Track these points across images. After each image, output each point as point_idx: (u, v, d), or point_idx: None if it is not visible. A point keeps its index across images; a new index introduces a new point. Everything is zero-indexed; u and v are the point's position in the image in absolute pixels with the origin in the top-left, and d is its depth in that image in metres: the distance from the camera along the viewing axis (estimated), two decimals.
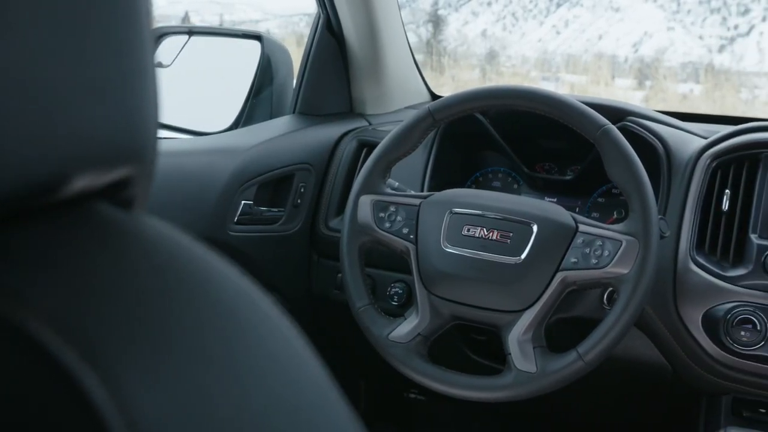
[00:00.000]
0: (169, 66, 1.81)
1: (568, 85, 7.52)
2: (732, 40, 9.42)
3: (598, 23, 10.36)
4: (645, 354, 1.42)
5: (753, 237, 1.33)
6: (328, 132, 1.72)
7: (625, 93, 7.40)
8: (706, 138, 1.45)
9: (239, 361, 0.35)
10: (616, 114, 1.48)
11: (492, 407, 1.73)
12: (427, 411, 2.00)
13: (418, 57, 1.93)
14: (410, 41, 1.91)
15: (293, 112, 1.81)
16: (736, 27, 9.49)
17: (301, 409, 0.36)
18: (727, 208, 1.36)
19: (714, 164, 1.39)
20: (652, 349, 1.41)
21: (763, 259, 1.30)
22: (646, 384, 1.51)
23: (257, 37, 1.80)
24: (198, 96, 1.87)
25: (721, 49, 9.40)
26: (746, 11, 9.39)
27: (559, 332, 1.35)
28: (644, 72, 8.34)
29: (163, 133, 1.76)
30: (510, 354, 1.22)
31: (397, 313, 1.35)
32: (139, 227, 0.39)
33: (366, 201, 1.35)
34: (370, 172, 1.37)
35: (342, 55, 1.80)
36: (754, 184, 1.36)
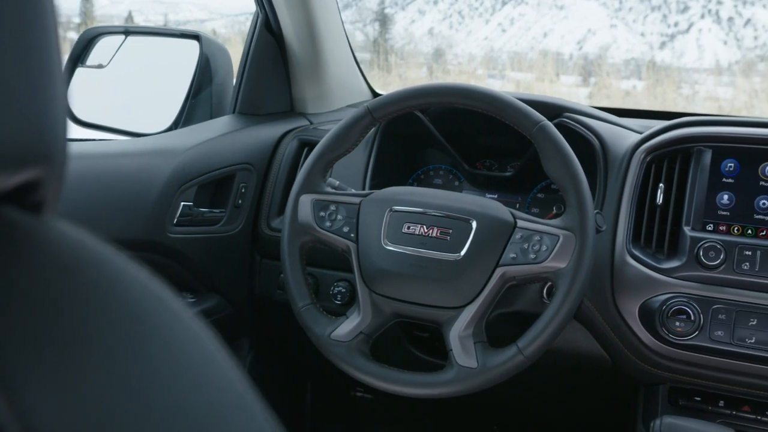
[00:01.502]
0: (106, 67, 1.78)
1: (514, 83, 7.60)
2: (672, 37, 9.64)
3: (543, 21, 10.51)
4: (585, 346, 1.44)
5: (686, 229, 1.36)
6: (269, 131, 1.71)
7: (569, 90, 7.51)
8: (641, 133, 1.47)
9: (145, 365, 0.34)
10: (553, 110, 1.50)
11: (438, 402, 1.74)
12: (374, 409, 2.00)
13: (365, 56, 1.92)
14: (357, 40, 1.92)
15: (233, 112, 1.79)
16: (676, 24, 9.71)
17: (209, 413, 0.36)
18: (661, 201, 1.39)
19: (648, 159, 1.42)
20: (592, 341, 1.43)
21: (696, 250, 1.33)
22: (586, 375, 1.53)
23: (195, 36, 1.78)
24: (136, 97, 1.85)
25: (662, 45, 9.61)
26: (685, 9, 9.61)
27: (501, 327, 1.37)
28: (588, 69, 8.47)
29: (100, 134, 1.73)
30: (451, 350, 1.23)
31: (341, 312, 1.35)
32: (45, 230, 0.38)
33: (306, 200, 1.35)
34: (310, 172, 1.36)
35: (281, 54, 1.79)
36: (686, 177, 1.39)
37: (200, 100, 1.79)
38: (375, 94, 2.00)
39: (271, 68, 1.79)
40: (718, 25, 9.24)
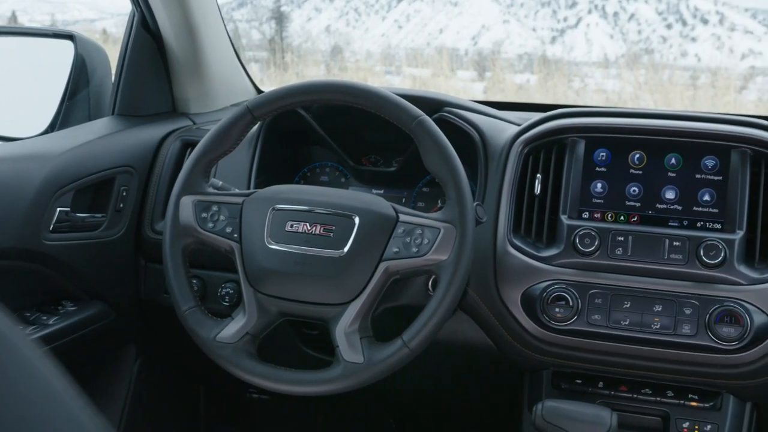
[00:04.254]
0: None
1: (411, 79, 7.68)
2: (562, 32, 9.94)
3: (439, 17, 10.65)
4: (472, 336, 1.47)
5: (563, 218, 1.40)
6: (150, 133, 1.67)
7: (465, 84, 7.63)
8: (519, 125, 1.51)
9: None
10: (433, 105, 1.52)
11: (334, 399, 1.74)
12: (270, 410, 1.98)
13: (262, 54, 1.90)
14: (253, 39, 1.90)
15: (112, 114, 1.74)
16: (565, 19, 10.01)
17: (30, 424, 0.35)
18: (539, 191, 1.43)
19: (526, 150, 1.46)
20: (478, 330, 1.46)
21: (572, 238, 1.37)
22: (474, 364, 1.56)
23: (69, 36, 1.71)
24: (8, 99, 1.77)
25: (553, 40, 9.89)
26: (574, 4, 9.92)
27: (390, 321, 1.37)
28: (483, 64, 8.64)
29: None
30: (338, 346, 1.23)
31: (230, 314, 1.33)
32: None
33: (187, 202, 1.32)
34: (190, 173, 1.34)
35: (160, 53, 1.74)
36: (562, 167, 1.43)
37: (77, 102, 1.73)
38: (260, 93, 1.98)
39: (150, 68, 1.74)
40: (605, 20, 9.58)
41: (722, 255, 1.31)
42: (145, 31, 1.71)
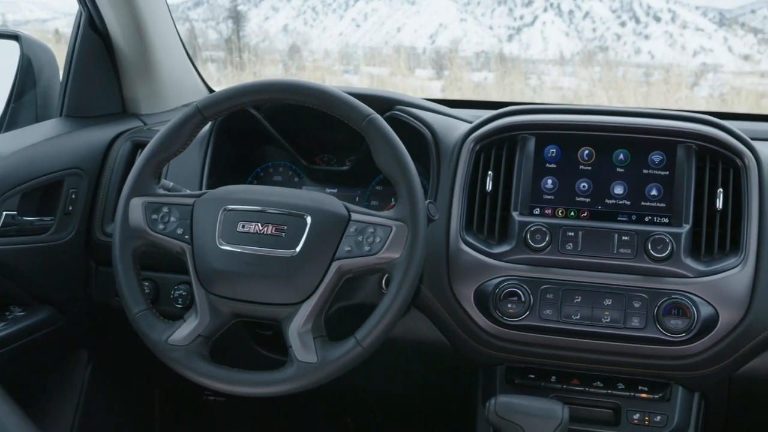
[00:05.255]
0: None
1: (369, 77, 7.67)
2: (519, 30, 10.01)
3: (396, 16, 10.66)
4: (426, 334, 1.48)
5: (515, 214, 1.41)
6: (100, 134, 1.64)
7: (423, 83, 7.65)
8: (471, 123, 1.52)
9: None
10: (384, 104, 1.52)
11: (291, 398, 1.74)
12: (227, 412, 1.97)
13: (219, 54, 1.88)
14: (210, 38, 1.87)
15: (61, 115, 1.71)
16: (521, 17, 10.09)
17: None
18: (490, 188, 1.44)
19: (477, 147, 1.46)
20: (433, 328, 1.47)
21: (524, 234, 1.38)
22: (430, 361, 1.57)
23: (14, 36, 1.68)
24: None
25: (510, 38, 9.96)
26: (530, 2, 10.00)
27: (344, 321, 1.37)
28: (441, 62, 8.67)
29: None
30: (291, 346, 1.23)
31: (182, 316, 1.32)
32: None
33: (137, 203, 1.31)
34: (140, 174, 1.32)
35: (109, 53, 1.72)
36: (513, 164, 1.45)
37: (24, 104, 1.70)
38: (212, 92, 1.97)
39: (99, 68, 1.72)
40: (560, 18, 9.68)
41: (669, 248, 1.33)
42: (92, 30, 1.68)
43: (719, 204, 1.37)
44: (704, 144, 1.40)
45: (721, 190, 1.37)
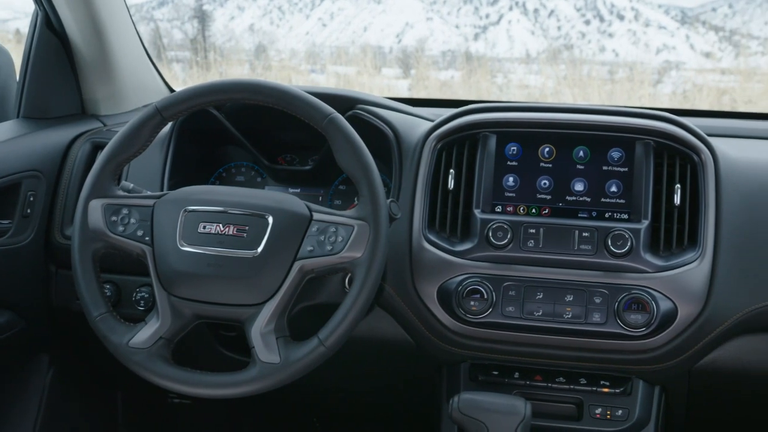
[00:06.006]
0: None
1: (336, 77, 7.66)
2: (485, 28, 10.07)
3: (363, 15, 10.66)
4: (390, 332, 1.48)
5: (477, 212, 1.42)
6: (58, 136, 1.62)
7: (390, 82, 7.65)
8: (432, 121, 1.52)
9: None
10: (346, 103, 1.52)
11: (257, 399, 1.73)
12: (192, 414, 1.96)
13: (184, 54, 1.86)
14: (175, 38, 1.85)
15: (18, 117, 1.68)
16: (487, 16, 10.14)
17: None
18: (452, 186, 1.44)
19: (439, 146, 1.47)
20: (396, 326, 1.47)
21: (486, 232, 1.39)
22: (394, 360, 1.57)
23: None
24: None
25: (476, 37, 10.01)
26: (495, 1, 10.06)
27: (308, 320, 1.37)
28: (407, 61, 8.68)
29: None
30: (254, 347, 1.22)
31: (144, 319, 1.30)
32: None
33: (96, 205, 1.29)
34: (99, 175, 1.31)
35: (67, 53, 1.70)
36: (475, 162, 1.45)
37: None
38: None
39: (56, 69, 1.69)
40: (526, 17, 9.74)
41: (629, 244, 1.35)
42: (49, 30, 1.66)
43: (677, 200, 1.39)
44: (662, 140, 1.41)
45: (678, 186, 1.39)
